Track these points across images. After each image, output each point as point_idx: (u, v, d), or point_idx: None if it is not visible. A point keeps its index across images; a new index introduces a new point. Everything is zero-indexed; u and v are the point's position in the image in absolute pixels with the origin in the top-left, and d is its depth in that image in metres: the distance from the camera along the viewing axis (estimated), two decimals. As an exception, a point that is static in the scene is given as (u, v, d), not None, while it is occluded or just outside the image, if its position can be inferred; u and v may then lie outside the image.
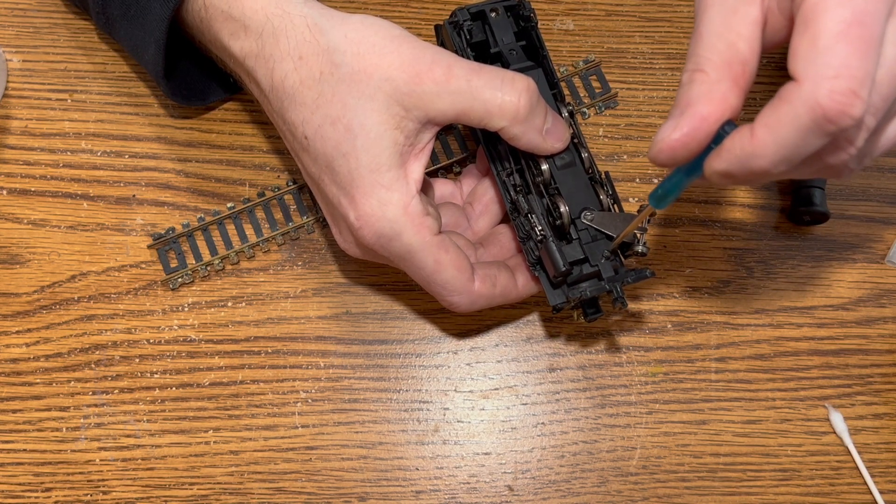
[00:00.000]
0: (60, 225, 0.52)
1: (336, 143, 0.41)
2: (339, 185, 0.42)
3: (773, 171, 0.34)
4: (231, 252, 0.51)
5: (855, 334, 0.53)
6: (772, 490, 0.50)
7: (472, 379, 0.51)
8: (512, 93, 0.42)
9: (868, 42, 0.32)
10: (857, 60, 0.32)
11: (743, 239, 0.54)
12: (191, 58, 0.51)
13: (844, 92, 0.31)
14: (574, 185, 0.45)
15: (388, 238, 0.42)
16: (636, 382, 0.51)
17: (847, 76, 0.31)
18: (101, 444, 0.49)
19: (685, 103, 0.35)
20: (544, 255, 0.44)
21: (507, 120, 0.42)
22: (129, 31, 0.48)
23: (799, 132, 0.33)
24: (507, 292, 0.46)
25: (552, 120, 0.44)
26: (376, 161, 0.41)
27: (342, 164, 0.41)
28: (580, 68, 0.56)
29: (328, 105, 0.41)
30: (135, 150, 0.53)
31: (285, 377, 0.50)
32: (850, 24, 0.32)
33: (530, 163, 0.46)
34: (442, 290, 0.44)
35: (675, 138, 0.35)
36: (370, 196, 0.41)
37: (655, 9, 0.57)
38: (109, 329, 0.50)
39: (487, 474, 0.49)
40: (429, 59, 0.41)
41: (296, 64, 0.42)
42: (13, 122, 0.53)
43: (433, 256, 0.43)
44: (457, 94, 0.41)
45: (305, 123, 0.42)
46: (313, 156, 0.43)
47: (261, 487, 0.48)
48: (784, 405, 0.51)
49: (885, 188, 0.55)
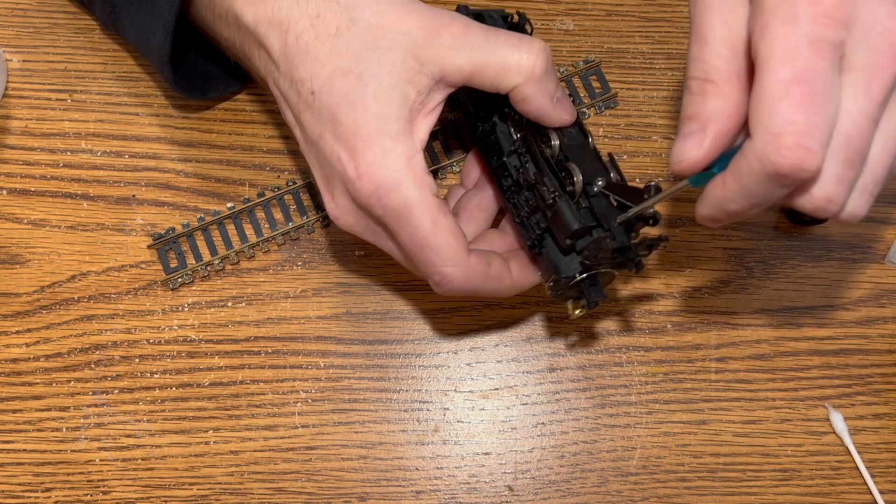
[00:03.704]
0: (60, 225, 0.52)
1: (345, 92, 0.41)
2: (340, 138, 0.41)
3: (747, 213, 0.37)
4: (231, 252, 0.51)
5: (855, 334, 0.53)
6: (772, 490, 0.50)
7: (472, 379, 0.51)
8: (530, 50, 0.42)
9: (811, 97, 0.33)
10: (802, 115, 0.33)
11: (743, 239, 0.54)
12: (194, 50, 0.51)
13: (792, 147, 0.33)
14: (582, 159, 0.44)
15: (386, 189, 0.40)
16: (636, 382, 0.51)
17: (793, 132, 0.33)
18: (101, 444, 0.49)
19: (705, 119, 0.37)
20: (555, 220, 0.42)
21: (523, 77, 0.42)
22: (136, 18, 0.48)
23: (759, 183, 0.35)
24: (501, 276, 0.44)
25: (561, 92, 0.44)
26: (385, 111, 0.40)
27: (348, 114, 0.41)
28: (580, 68, 0.56)
29: (341, 57, 0.41)
30: (135, 150, 0.53)
31: (285, 377, 0.50)
32: (791, 82, 0.33)
33: (538, 137, 0.45)
34: (435, 258, 0.41)
35: (700, 157, 0.37)
36: (373, 144, 0.40)
37: (655, 9, 0.57)
38: (109, 329, 0.50)
39: (487, 474, 0.49)
40: (447, 17, 0.42)
41: (312, 22, 0.42)
42: (13, 122, 0.53)
43: (431, 216, 0.41)
44: (475, 48, 0.41)
45: (314, 78, 0.41)
46: (317, 111, 0.42)
47: (261, 487, 0.48)
48: (784, 405, 0.51)
49: (885, 188, 0.55)
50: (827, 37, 0.34)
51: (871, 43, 0.35)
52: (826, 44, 0.34)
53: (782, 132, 0.33)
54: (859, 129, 0.35)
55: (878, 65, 0.35)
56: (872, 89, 0.35)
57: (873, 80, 0.35)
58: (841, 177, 0.36)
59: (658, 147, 0.55)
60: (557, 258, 0.44)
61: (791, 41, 0.34)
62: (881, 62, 0.35)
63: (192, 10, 0.47)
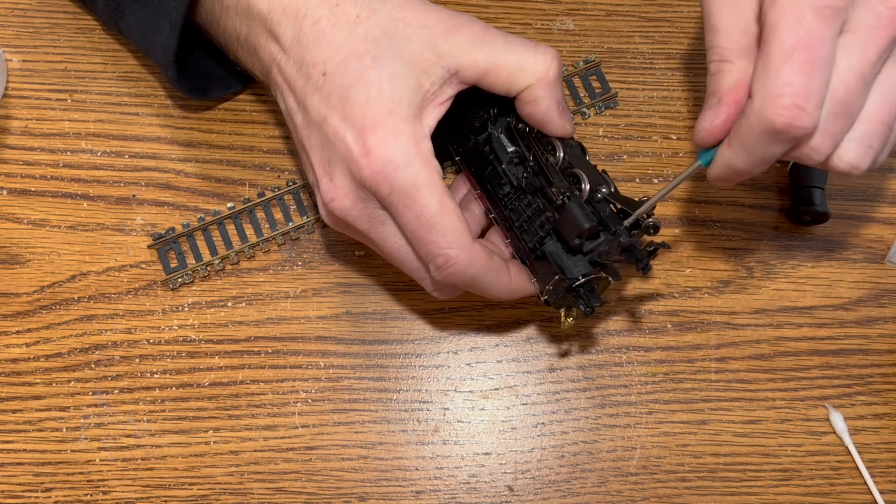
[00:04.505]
0: (60, 225, 0.52)
1: (360, 72, 0.41)
2: (348, 118, 0.41)
3: (753, 171, 0.40)
4: (231, 252, 0.51)
5: (855, 334, 0.53)
6: (772, 490, 0.50)
7: (472, 379, 0.51)
8: (546, 54, 0.43)
9: (811, 62, 0.36)
10: (800, 78, 0.36)
11: (743, 239, 0.54)
12: (196, 50, 0.51)
13: (788, 107, 0.36)
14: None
15: (395, 165, 0.40)
16: (636, 382, 0.51)
17: (790, 93, 0.36)
18: (101, 444, 0.49)
19: (722, 92, 0.40)
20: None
21: (537, 77, 0.43)
22: (141, 16, 0.48)
23: (759, 141, 0.38)
24: (501, 270, 0.44)
25: (566, 104, 0.45)
26: (398, 94, 0.41)
27: (360, 93, 0.41)
28: (580, 68, 0.56)
29: (357, 43, 0.41)
30: (135, 150, 0.53)
31: (285, 377, 0.50)
32: (795, 47, 0.36)
33: (543, 146, 0.45)
34: (440, 239, 0.41)
35: (717, 125, 0.40)
36: (384, 123, 0.40)
37: (655, 9, 0.57)
38: (109, 329, 0.50)
39: (487, 474, 0.49)
40: (466, 17, 0.43)
41: (331, 9, 0.42)
42: (13, 122, 0.53)
43: (439, 197, 0.41)
44: (492, 46, 0.42)
45: (328, 60, 0.42)
46: (326, 93, 0.42)
47: (261, 487, 0.48)
48: (784, 405, 0.51)
49: (885, 188, 0.55)
50: (832, 4, 0.36)
51: (871, 6, 0.37)
52: (830, 10, 0.36)
53: (781, 93, 0.36)
54: (846, 85, 0.37)
55: (876, 27, 0.37)
56: (867, 49, 0.37)
57: (869, 41, 0.37)
58: (824, 128, 0.38)
59: (658, 147, 0.55)
60: (562, 260, 0.44)
61: (797, 8, 0.36)
62: (878, 24, 0.37)
63: (198, 5, 0.47)
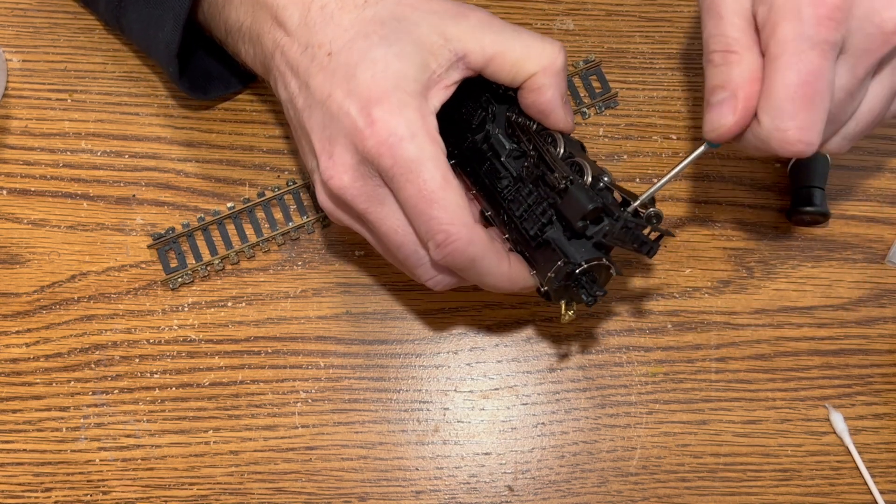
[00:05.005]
0: (60, 225, 0.52)
1: (367, 50, 0.41)
2: (354, 92, 0.40)
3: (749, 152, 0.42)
4: (231, 252, 0.51)
5: (855, 334, 0.53)
6: (772, 490, 0.50)
7: (472, 379, 0.51)
8: (553, 44, 0.43)
9: (812, 98, 0.38)
10: (804, 114, 0.38)
11: (743, 239, 0.54)
12: (198, 49, 0.51)
13: (794, 142, 0.38)
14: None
15: (399, 137, 0.40)
16: (636, 382, 0.51)
17: (795, 128, 0.38)
18: (101, 444, 0.49)
19: (734, 85, 0.40)
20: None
21: (544, 65, 0.42)
22: (144, 12, 0.48)
23: (762, 153, 0.41)
24: (501, 255, 0.43)
25: (567, 98, 0.45)
26: (405, 71, 0.41)
27: (367, 69, 0.41)
28: (580, 68, 0.56)
29: (365, 24, 0.42)
30: (135, 150, 0.53)
31: (285, 377, 0.50)
32: (798, 84, 0.38)
33: (544, 139, 0.45)
34: (442, 215, 0.40)
35: (734, 122, 0.40)
36: (390, 96, 0.40)
37: (655, 9, 0.57)
38: (109, 329, 0.50)
39: (487, 474, 0.49)
40: (474, 7, 0.44)
41: None
42: (13, 122, 0.53)
43: (442, 171, 0.40)
44: (499, 32, 0.42)
45: (334, 41, 0.42)
46: (331, 71, 0.41)
47: (261, 487, 0.48)
48: (784, 405, 0.51)
49: (885, 188, 0.55)
50: (829, 38, 0.37)
51: (865, 30, 0.38)
52: (829, 45, 0.37)
53: (787, 128, 0.38)
54: (838, 100, 0.40)
55: (868, 49, 0.38)
56: (857, 69, 0.39)
57: (860, 62, 0.39)
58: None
59: (658, 147, 0.55)
60: (565, 246, 0.43)
61: (797, 44, 0.37)
62: (871, 47, 0.38)
63: (197, 8, 0.47)
